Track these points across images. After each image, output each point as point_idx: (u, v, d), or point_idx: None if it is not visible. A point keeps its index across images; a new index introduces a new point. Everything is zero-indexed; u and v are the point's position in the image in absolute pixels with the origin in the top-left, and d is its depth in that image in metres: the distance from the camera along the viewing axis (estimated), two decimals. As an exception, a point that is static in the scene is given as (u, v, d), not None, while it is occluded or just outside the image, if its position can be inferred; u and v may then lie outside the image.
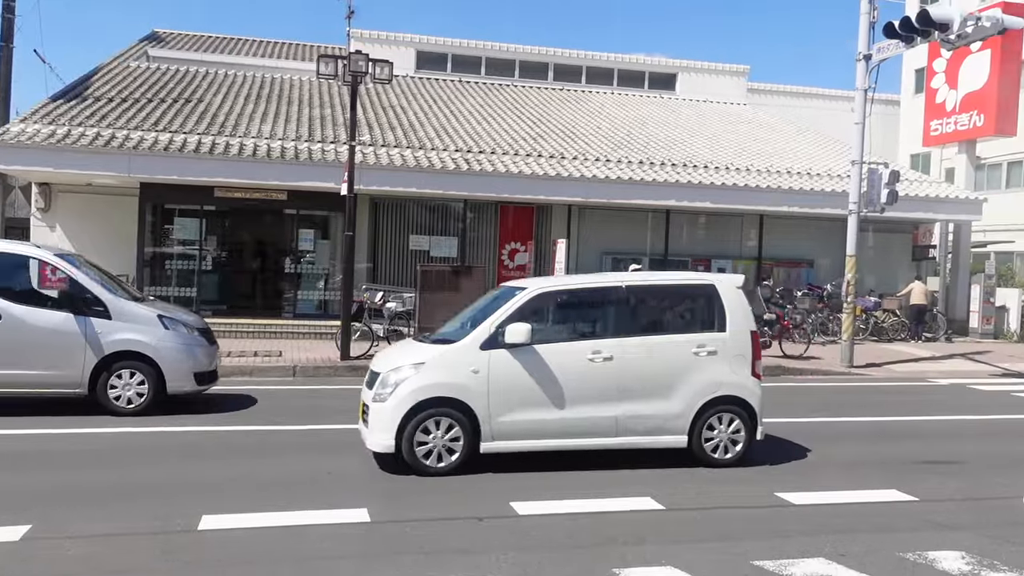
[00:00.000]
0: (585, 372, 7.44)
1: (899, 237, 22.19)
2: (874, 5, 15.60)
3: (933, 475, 7.70)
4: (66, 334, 9.32)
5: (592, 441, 7.50)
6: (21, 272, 9.64)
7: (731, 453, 7.67)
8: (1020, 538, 5.82)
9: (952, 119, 23.34)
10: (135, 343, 9.53)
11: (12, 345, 9.11)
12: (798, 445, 8.82)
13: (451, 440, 7.18)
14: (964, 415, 11.15)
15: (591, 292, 8.11)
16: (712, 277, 8.44)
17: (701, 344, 7.71)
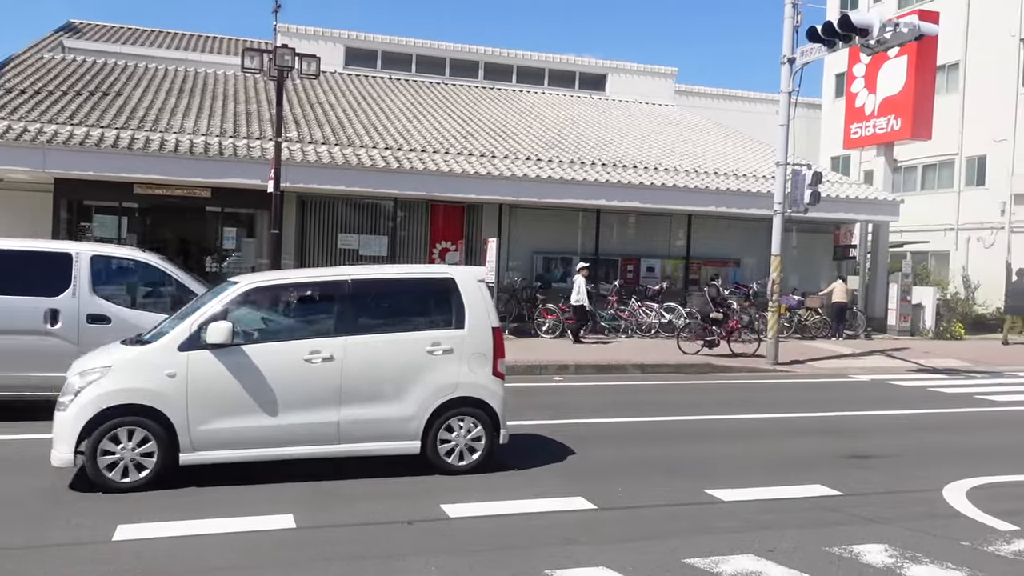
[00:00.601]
0: (302, 374, 6.83)
1: (821, 237, 22.77)
2: (797, 10, 15.94)
3: (857, 469, 7.86)
4: None
5: (311, 449, 6.87)
6: (128, 276, 9.85)
7: (468, 460, 7.16)
8: (940, 530, 5.96)
9: (871, 123, 24.02)
10: None
11: None
12: (726, 444, 8.92)
13: (143, 453, 6.47)
14: (885, 410, 11.45)
15: (312, 287, 7.48)
16: (451, 270, 7.81)
17: (436, 342, 7.18)
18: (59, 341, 9.08)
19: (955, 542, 5.70)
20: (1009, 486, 7.35)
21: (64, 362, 8.00)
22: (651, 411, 10.68)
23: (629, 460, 7.96)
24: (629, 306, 19.48)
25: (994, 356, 18.21)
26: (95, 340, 8.66)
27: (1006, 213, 26.82)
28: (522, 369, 13.87)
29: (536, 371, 13.97)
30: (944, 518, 6.29)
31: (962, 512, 6.45)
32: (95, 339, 8.74)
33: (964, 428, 10.41)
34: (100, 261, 9.53)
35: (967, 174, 28.65)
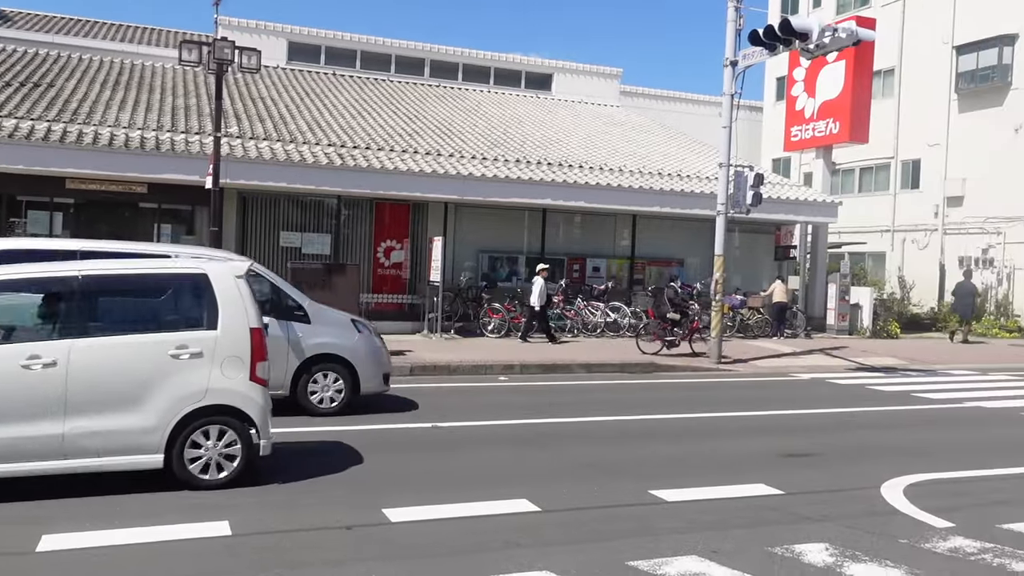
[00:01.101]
0: (17, 382, 6.07)
1: (763, 238, 23.12)
2: (740, 13, 16.13)
3: (798, 468, 7.94)
4: (271, 338, 8.99)
5: (30, 466, 6.10)
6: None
7: (225, 472, 6.54)
8: (879, 528, 6.03)
9: (810, 126, 24.47)
10: (333, 346, 9.93)
11: None
12: (670, 444, 8.94)
13: None
14: (825, 408, 11.64)
15: (31, 284, 6.60)
16: (205, 265, 7.00)
17: (183, 344, 6.48)
18: None
19: (893, 540, 5.78)
20: (944, 483, 7.50)
21: None
22: (596, 411, 10.67)
23: (573, 461, 7.92)
24: (575, 306, 19.52)
25: (929, 355, 18.69)
26: None
27: (939, 215, 27.57)
28: (467, 369, 13.78)
29: (481, 371, 13.89)
30: (883, 516, 6.38)
31: (900, 510, 6.54)
32: None
33: (901, 425, 10.61)
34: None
35: (902, 177, 29.40)
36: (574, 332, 19.23)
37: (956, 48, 27.18)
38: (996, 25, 25.81)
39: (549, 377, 13.98)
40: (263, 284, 9.84)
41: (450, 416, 9.96)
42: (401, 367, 13.55)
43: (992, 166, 25.70)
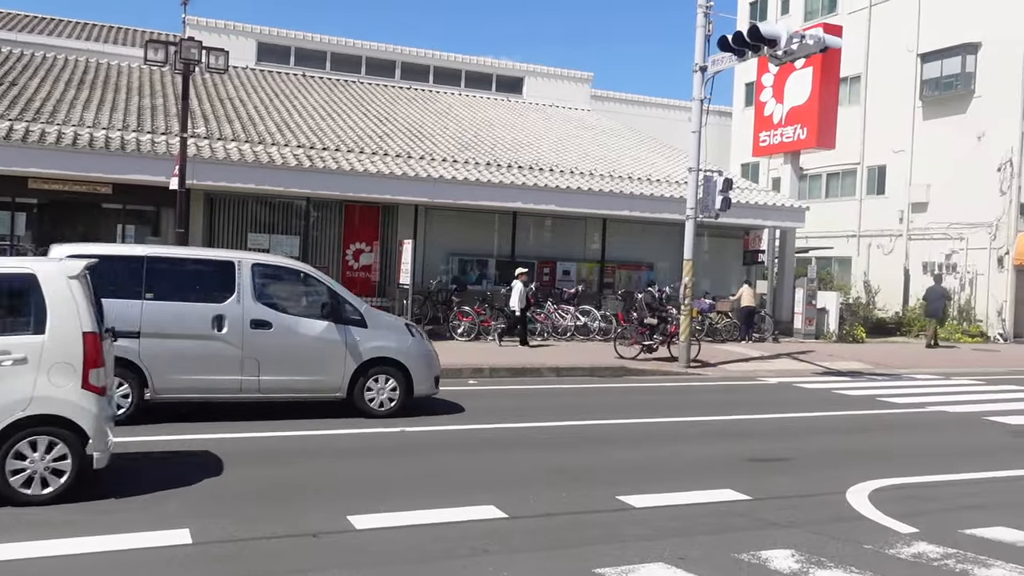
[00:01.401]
0: None
1: (732, 242, 23.30)
2: (709, 19, 16.23)
3: (765, 473, 7.98)
4: (329, 342, 9.86)
5: None
6: (287, 284, 10.17)
7: (50, 487, 6.11)
8: (844, 534, 6.07)
9: (779, 131, 24.72)
10: (389, 349, 10.16)
11: (283, 353, 9.63)
12: (638, 448, 8.95)
13: None
14: (792, 412, 11.73)
15: None
16: (33, 264, 6.53)
17: (4, 350, 6.09)
18: (224, 345, 9.39)
19: (859, 546, 5.81)
20: (908, 488, 7.57)
21: (229, 366, 9.32)
22: (565, 415, 10.67)
23: (541, 466, 7.90)
24: (545, 309, 19.53)
25: (894, 359, 18.92)
26: (258, 344, 9.46)
27: (904, 221, 27.95)
28: (436, 373, 13.69)
29: (450, 375, 13.79)
30: (848, 521, 6.42)
31: (865, 515, 6.59)
32: (258, 344, 9.47)
33: (866, 430, 10.72)
34: (260, 269, 9.81)
35: (868, 183, 29.77)
36: (544, 336, 19.23)
37: (921, 56, 27.59)
38: (960, 34, 26.24)
39: (519, 381, 13.95)
40: (321, 289, 10.08)
41: (417, 421, 9.89)
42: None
43: (956, 172, 26.11)
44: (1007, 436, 10.49)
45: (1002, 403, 13.17)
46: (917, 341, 23.86)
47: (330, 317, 9.89)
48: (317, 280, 10.16)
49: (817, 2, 32.22)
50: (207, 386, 9.44)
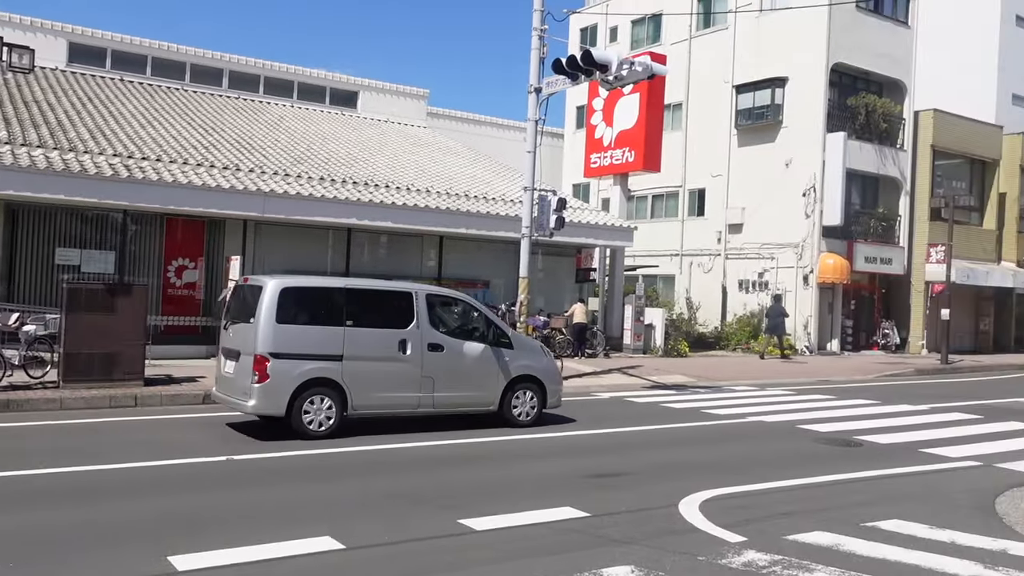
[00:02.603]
0: None
1: (565, 260, 23.85)
2: (544, 43, 16.59)
3: (601, 489, 8.11)
4: (487, 361, 11.37)
5: None
6: (451, 310, 11.61)
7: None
8: (680, 546, 6.23)
9: (608, 154, 25.63)
10: (530, 368, 11.73)
11: (452, 372, 11.02)
12: (478, 469, 8.87)
13: None
14: (625, 427, 12.02)
15: None
16: None
17: None
18: (408, 366, 10.68)
19: (693, 557, 5.98)
20: (735, 497, 7.91)
21: (411, 384, 10.69)
22: (397, 437, 10.44)
23: (378, 492, 7.67)
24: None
25: (714, 372, 19.93)
26: (433, 365, 10.82)
27: (722, 241, 29.65)
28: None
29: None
30: (683, 534, 6.60)
31: (698, 526, 6.80)
32: (433, 364, 10.82)
33: (694, 442, 11.16)
34: (431, 298, 11.20)
35: (690, 205, 31.39)
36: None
37: (736, 87, 29.44)
38: (770, 68, 28.22)
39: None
40: (477, 315, 11.57)
41: (248, 448, 9.39)
42: (193, 395, 12.72)
43: (767, 196, 27.98)
44: (818, 443, 11.21)
45: (811, 412, 14.11)
46: (734, 355, 25.30)
47: (486, 340, 11.42)
48: (473, 307, 11.72)
49: (643, 32, 33.76)
50: (394, 402, 10.76)
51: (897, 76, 29.04)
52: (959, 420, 13.71)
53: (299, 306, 10.25)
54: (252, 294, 10.29)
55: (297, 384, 9.94)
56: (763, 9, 28.90)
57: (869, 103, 28.25)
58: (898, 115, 29.16)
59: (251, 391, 9.89)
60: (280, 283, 10.17)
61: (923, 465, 9.89)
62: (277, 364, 9.87)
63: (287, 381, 9.90)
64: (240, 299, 10.82)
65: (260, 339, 9.87)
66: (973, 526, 7.14)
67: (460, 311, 11.68)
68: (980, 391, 18.66)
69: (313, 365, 10.07)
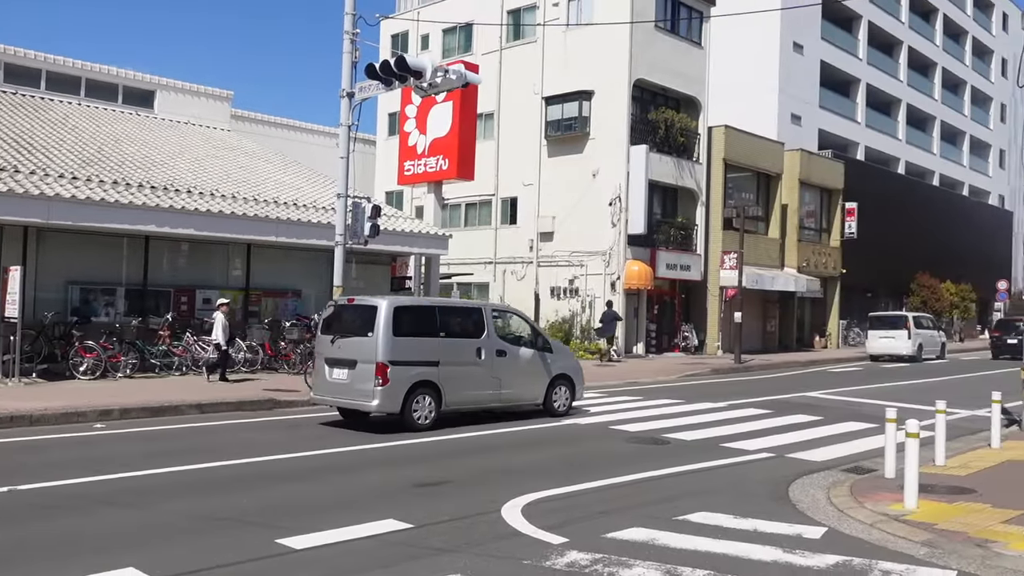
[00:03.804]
0: None
1: (380, 268, 23.54)
2: (356, 46, 16.30)
3: (425, 498, 7.99)
4: (536, 363, 13.70)
5: None
6: (508, 322, 14.65)
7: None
8: (505, 551, 6.23)
9: (422, 161, 25.58)
10: (565, 368, 14.22)
11: (513, 373, 13.37)
12: (296, 485, 8.53)
13: None
14: (445, 435, 11.94)
15: None
16: None
17: None
18: (483, 369, 12.94)
19: (519, 562, 5.99)
20: (555, 499, 8.03)
21: (485, 384, 12.96)
22: (211, 456, 9.86)
23: (189, 515, 7.16)
24: (184, 341, 18.12)
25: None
26: (499, 368, 13.12)
27: (534, 249, 30.35)
28: (54, 418, 12.00)
29: (73, 419, 12.18)
30: (507, 538, 6.61)
31: (521, 530, 6.84)
32: (499, 367, 13.12)
33: (511, 447, 11.26)
34: (493, 312, 13.73)
35: (502, 213, 31.93)
36: (183, 370, 17.84)
37: (545, 99, 30.27)
38: (577, 81, 29.22)
39: (157, 421, 12.68)
40: (526, 325, 14.60)
41: (31, 477, 8.50)
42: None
43: (576, 205, 28.94)
44: (629, 443, 11.65)
45: (622, 412, 14.67)
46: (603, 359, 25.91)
47: (533, 346, 13.95)
48: (523, 318, 14.71)
49: (454, 41, 34.04)
50: (473, 399, 13.02)
51: (693, 93, 30.92)
52: (754, 415, 14.72)
53: (406, 321, 12.21)
54: (364, 312, 12.28)
55: (408, 386, 11.98)
56: (570, 24, 29.91)
57: (668, 118, 29.89)
58: (694, 130, 31.04)
59: (374, 393, 11.79)
60: (393, 302, 12.40)
61: (725, 459, 10.50)
62: (394, 370, 11.84)
63: (401, 384, 11.91)
64: (346, 317, 12.72)
65: (381, 350, 11.80)
66: (772, 513, 7.64)
67: (514, 322, 14.88)
68: (770, 387, 20.15)
69: (419, 370, 12.16)
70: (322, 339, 12.88)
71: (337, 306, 13.14)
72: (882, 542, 6.72)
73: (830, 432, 12.82)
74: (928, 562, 6.21)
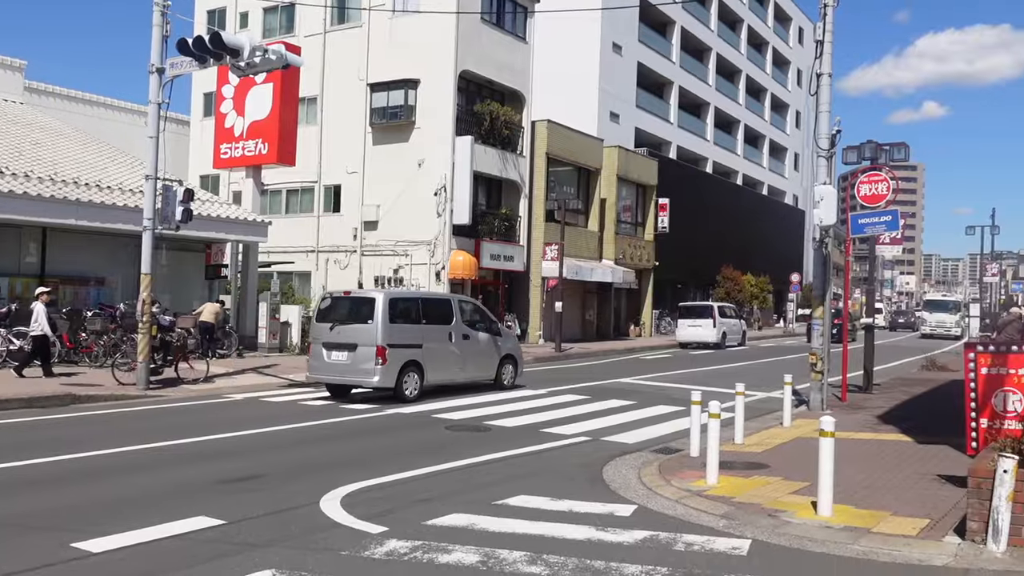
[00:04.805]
0: None
1: (193, 255, 22.41)
2: (167, 19, 15.38)
3: (239, 493, 7.69)
4: (491, 345, 16.44)
5: None
6: (470, 311, 16.52)
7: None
8: (322, 543, 6.10)
9: (240, 144, 24.52)
10: (511, 348, 17.03)
11: (474, 354, 16.01)
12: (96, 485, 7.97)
13: None
14: (262, 428, 11.56)
15: None
16: None
17: None
18: (453, 350, 15.48)
19: (336, 553, 5.88)
20: (376, 489, 7.95)
21: (455, 364, 15.52)
22: None
23: None
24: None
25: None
26: (464, 350, 15.68)
27: (358, 238, 29.91)
28: None
29: None
30: (325, 530, 6.47)
31: (339, 522, 6.72)
32: (465, 349, 15.68)
33: (333, 438, 11.07)
34: (461, 302, 16.40)
35: (326, 201, 31.22)
36: None
37: (371, 86, 29.82)
38: (403, 69, 28.98)
39: (-68, 421, 11.47)
40: (483, 313, 16.83)
41: None
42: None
43: (401, 195, 28.74)
44: (452, 431, 11.73)
45: (444, 401, 14.70)
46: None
47: (489, 331, 16.38)
48: (479, 307, 17.05)
49: (275, 21, 32.87)
50: (446, 377, 15.36)
51: (517, 87, 31.45)
52: (572, 401, 15.21)
53: (397, 311, 14.68)
54: (363, 303, 14.72)
55: (401, 364, 14.24)
56: (396, 11, 29.61)
57: (493, 110, 30.25)
58: (518, 123, 31.61)
59: (375, 371, 14.03)
60: (388, 294, 14.94)
61: (544, 444, 10.79)
62: (391, 352, 14.09)
63: (396, 363, 14.18)
64: (343, 307, 15.01)
65: (380, 334, 14.06)
66: (587, 494, 7.92)
67: (472, 309, 16.63)
68: (588, 374, 20.90)
69: (409, 351, 14.45)
70: (319, 326, 14.95)
71: (333, 298, 15.44)
72: (686, 516, 7.13)
73: (642, 416, 13.46)
74: (726, 532, 6.64)
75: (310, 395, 15.31)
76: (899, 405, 15.09)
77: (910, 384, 19.03)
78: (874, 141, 16.46)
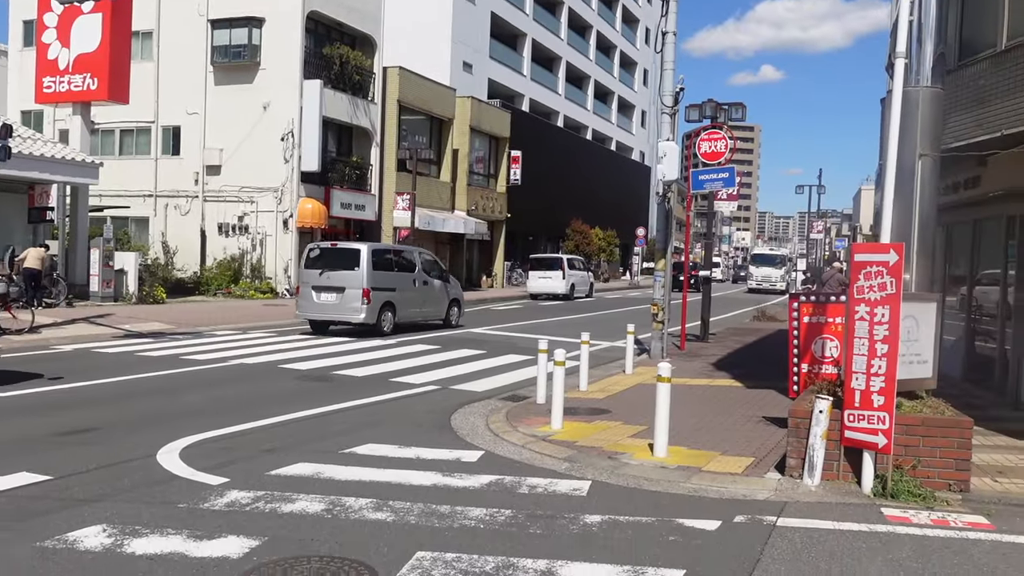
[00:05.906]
0: None
1: (15, 197, 20.78)
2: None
3: (68, 447, 7.29)
4: (442, 291, 19.55)
5: None
6: (428, 261, 19.64)
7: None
8: (159, 497, 5.89)
9: (66, 79, 22.71)
10: (457, 293, 20.33)
11: (431, 298, 19.18)
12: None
13: None
14: (95, 379, 10.96)
15: None
16: None
17: None
18: (416, 294, 18.59)
19: (173, 506, 5.70)
20: (217, 440, 7.74)
21: (417, 304, 18.64)
22: None
23: None
24: None
25: (194, 317, 19.24)
26: (424, 293, 18.89)
27: (200, 183, 28.54)
28: None
29: None
30: (162, 483, 6.25)
31: (178, 474, 6.51)
32: (424, 293, 18.89)
33: (173, 390, 10.62)
34: (420, 254, 19.67)
35: (164, 143, 29.53)
36: None
37: (212, 22, 28.22)
38: (247, 7, 27.59)
39: None
40: (437, 264, 20.18)
41: None
42: None
43: (246, 139, 27.57)
44: (299, 380, 11.54)
45: (292, 351, 14.46)
46: (215, 300, 24.75)
47: (440, 279, 19.56)
48: (435, 259, 20.41)
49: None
50: (412, 316, 18.59)
51: (368, 31, 30.62)
52: (422, 351, 15.25)
53: (378, 260, 17.52)
54: (348, 253, 17.49)
55: (380, 305, 17.16)
56: (240, -56, 28.02)
57: (343, 54, 29.36)
58: (369, 69, 30.84)
59: (361, 310, 16.84)
60: (371, 247, 17.65)
61: (393, 393, 10.79)
62: (374, 294, 16.90)
63: (377, 303, 17.07)
64: (329, 256, 17.59)
65: (365, 279, 16.88)
66: (434, 441, 8.01)
67: (430, 261, 19.72)
68: (438, 324, 20.98)
69: (386, 294, 17.37)
70: (308, 272, 17.43)
71: (322, 248, 17.96)
72: (531, 460, 7.35)
73: (492, 365, 13.69)
74: (568, 475, 6.90)
75: (149, 345, 14.62)
76: (732, 353, 16.05)
77: (742, 334, 20.25)
78: (714, 100, 17.16)
